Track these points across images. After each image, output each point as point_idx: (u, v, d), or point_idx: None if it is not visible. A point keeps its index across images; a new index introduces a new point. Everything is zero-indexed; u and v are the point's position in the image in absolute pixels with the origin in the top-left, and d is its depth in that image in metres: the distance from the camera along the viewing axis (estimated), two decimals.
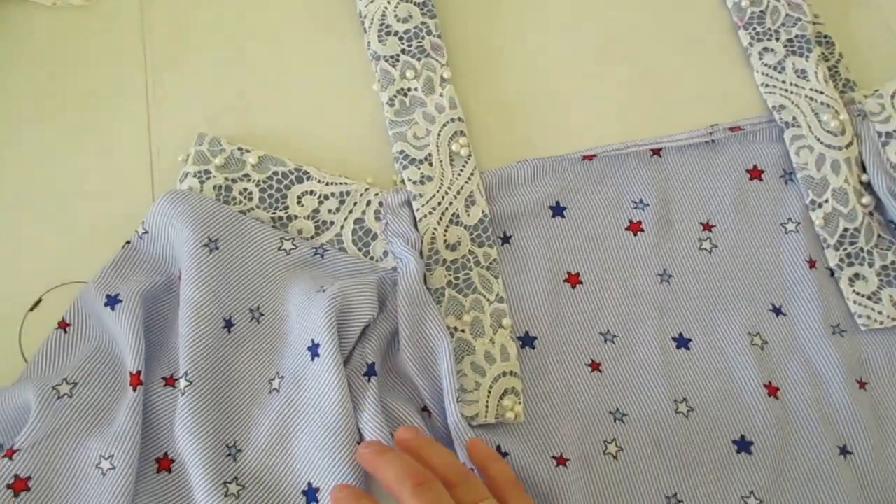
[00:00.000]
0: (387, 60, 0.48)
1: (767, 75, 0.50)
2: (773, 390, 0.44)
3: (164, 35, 0.50)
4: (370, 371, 0.41)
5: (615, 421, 0.43)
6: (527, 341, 0.44)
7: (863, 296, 0.46)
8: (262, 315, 0.43)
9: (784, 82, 0.50)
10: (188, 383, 0.40)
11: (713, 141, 0.49)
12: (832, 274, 0.47)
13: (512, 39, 0.52)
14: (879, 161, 0.48)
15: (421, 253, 0.44)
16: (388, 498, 0.38)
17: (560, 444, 0.42)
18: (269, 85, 0.49)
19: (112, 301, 0.42)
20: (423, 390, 0.41)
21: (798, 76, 0.50)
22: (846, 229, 0.47)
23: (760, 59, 0.51)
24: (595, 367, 0.44)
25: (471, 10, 0.52)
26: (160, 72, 0.49)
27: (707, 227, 0.48)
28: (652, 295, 0.46)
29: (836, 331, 0.46)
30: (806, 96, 0.50)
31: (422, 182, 0.46)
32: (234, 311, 0.42)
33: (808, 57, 0.50)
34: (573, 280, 0.46)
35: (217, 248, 0.43)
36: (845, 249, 0.47)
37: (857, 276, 0.47)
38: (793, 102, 0.50)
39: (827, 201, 0.48)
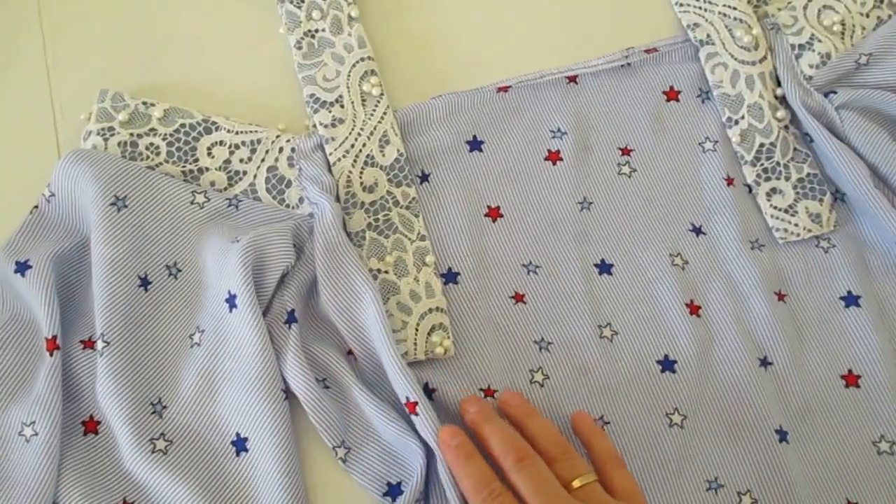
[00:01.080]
0: (292, 2, 0.47)
1: None
2: (694, 308, 0.45)
3: None
4: (290, 318, 0.42)
5: (540, 350, 0.44)
6: (450, 277, 0.45)
7: (780, 209, 0.47)
8: (180, 271, 0.43)
9: (697, 0, 0.50)
10: (105, 344, 0.40)
11: (629, 65, 0.49)
12: (750, 190, 0.48)
13: None
14: (793, 74, 0.49)
15: (337, 197, 0.44)
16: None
17: (487, 376, 0.43)
18: (173, 34, 0.48)
19: (22, 267, 0.41)
20: (346, 334, 0.42)
21: None
22: (762, 144, 0.48)
23: None
24: (519, 298, 0.45)
25: None
26: (57, 25, 0.48)
27: (626, 151, 0.48)
28: (573, 223, 0.46)
29: (754, 246, 0.47)
30: (719, 13, 0.50)
31: (333, 125, 0.45)
32: (149, 268, 0.42)
33: None
34: (494, 214, 0.46)
35: (125, 206, 0.42)
36: (762, 165, 0.48)
37: (773, 190, 0.47)
38: (706, 20, 0.50)
39: (743, 118, 0.48)
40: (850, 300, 0.46)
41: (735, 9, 0.49)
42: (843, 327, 0.46)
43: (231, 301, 0.41)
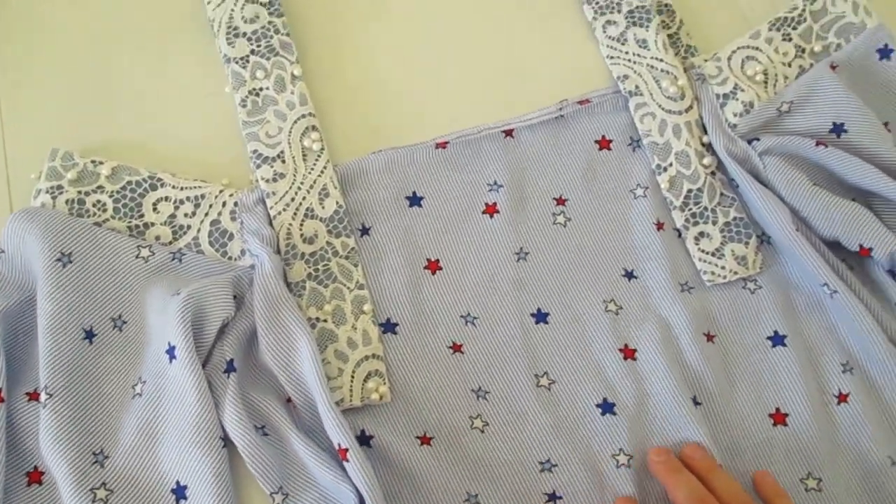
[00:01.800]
0: (237, 62, 0.50)
1: (611, 47, 0.53)
2: (629, 353, 0.47)
3: (11, 48, 0.51)
4: (229, 367, 0.43)
5: (478, 398, 0.45)
6: (388, 327, 0.46)
7: (707, 253, 0.49)
8: (125, 323, 0.44)
9: (627, 53, 0.53)
10: (49, 396, 0.41)
11: (563, 116, 0.52)
12: (679, 234, 0.50)
13: (362, 30, 0.54)
14: (718, 122, 0.51)
15: (278, 249, 0.46)
16: None
17: (424, 423, 0.44)
18: (125, 93, 0.51)
19: None
20: (284, 382, 0.43)
21: (639, 46, 0.53)
22: (690, 190, 0.50)
23: (604, 31, 0.53)
24: (457, 348, 0.46)
25: (319, 4, 0.54)
26: (11, 84, 0.50)
27: (560, 201, 0.50)
28: (510, 274, 0.48)
29: (684, 288, 0.49)
30: (647, 65, 0.52)
31: (274, 179, 0.47)
32: (94, 321, 0.44)
33: (647, 27, 0.53)
34: (433, 267, 0.48)
35: (71, 262, 0.44)
36: (690, 210, 0.50)
37: (701, 234, 0.50)
38: (635, 72, 0.52)
39: (671, 165, 0.50)
40: (777, 340, 0.48)
41: (662, 61, 0.52)
42: (771, 366, 0.47)
43: (171, 352, 0.42)
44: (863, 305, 0.47)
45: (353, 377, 0.44)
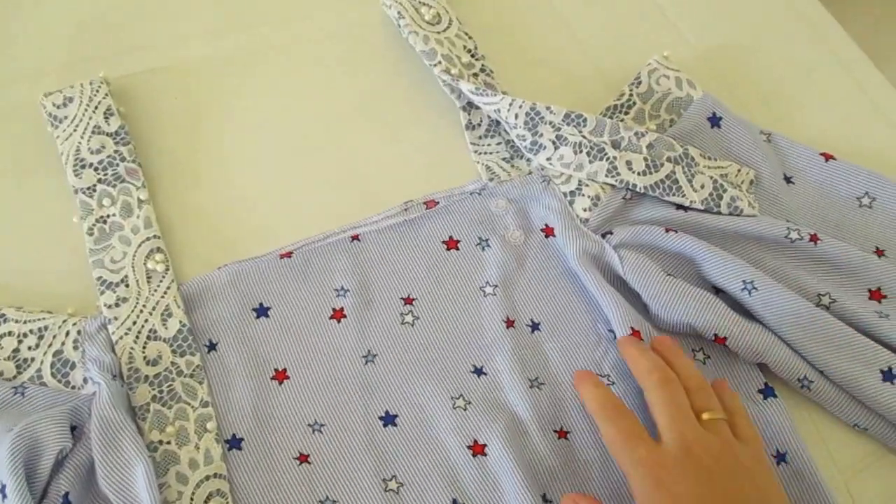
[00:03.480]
0: (84, 192, 0.52)
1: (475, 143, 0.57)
2: (478, 448, 0.47)
3: None
4: (65, 502, 0.43)
5: None
6: (234, 443, 0.47)
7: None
8: None
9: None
10: None
11: (411, 220, 0.53)
12: (533, 330, 0.51)
13: (211, 147, 0.56)
14: (570, 220, 0.53)
15: (121, 374, 0.47)
16: None
17: None
18: None
19: None
20: None
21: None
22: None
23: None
24: (303, 459, 0.47)
25: (169, 126, 0.56)
26: None
27: (408, 300, 0.51)
28: (357, 378, 0.49)
29: (533, 384, 0.49)
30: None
31: (117, 304, 0.48)
32: None
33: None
34: (280, 377, 0.49)
35: None
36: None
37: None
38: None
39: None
40: None
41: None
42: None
43: (3, 491, 0.43)
44: None
45: (192, 500, 0.44)
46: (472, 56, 0.58)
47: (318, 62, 0.60)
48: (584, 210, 0.53)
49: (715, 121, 0.55)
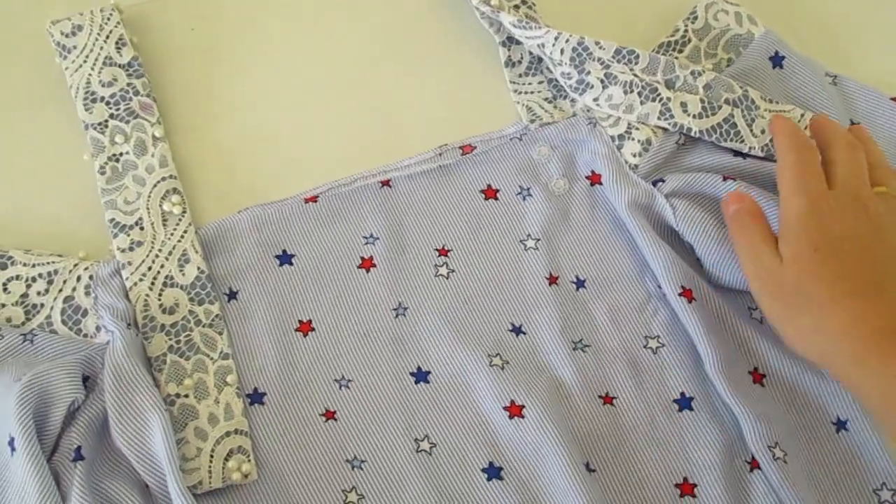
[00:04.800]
0: (95, 128, 0.49)
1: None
2: (515, 410, 0.44)
3: None
4: (77, 456, 0.41)
5: (353, 469, 0.43)
6: (256, 398, 0.44)
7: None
8: None
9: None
10: None
11: (446, 166, 0.50)
12: (578, 287, 0.48)
13: (229, 84, 0.53)
14: (617, 166, 0.49)
15: (135, 322, 0.44)
16: None
17: (295, 500, 0.42)
18: None
19: None
20: (137, 466, 0.41)
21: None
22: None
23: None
24: (330, 415, 0.44)
25: (186, 60, 0.53)
26: None
27: (443, 252, 0.48)
28: (387, 331, 0.46)
29: (577, 346, 0.46)
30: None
31: (131, 248, 0.46)
32: None
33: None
34: (305, 328, 0.46)
35: None
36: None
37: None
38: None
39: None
40: (684, 402, 0.45)
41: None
42: (678, 432, 0.45)
43: (12, 444, 0.41)
44: None
45: (212, 456, 0.42)
46: None
47: None
48: (634, 155, 0.49)
49: (777, 60, 0.51)
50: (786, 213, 0.43)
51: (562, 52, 0.50)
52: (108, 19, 0.51)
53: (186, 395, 0.44)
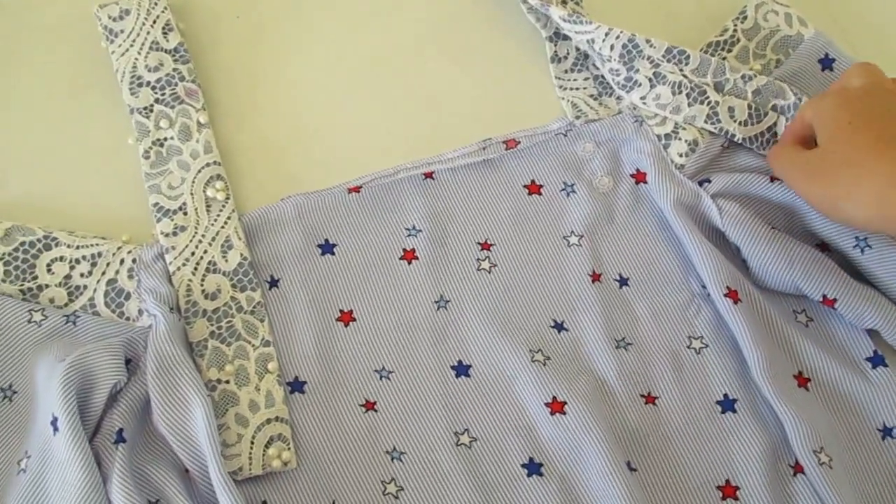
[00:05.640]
0: (140, 112, 0.49)
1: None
2: (557, 406, 0.44)
3: None
4: (118, 438, 0.42)
5: (392, 460, 0.43)
6: (296, 386, 0.45)
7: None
8: (16, 392, 0.43)
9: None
10: None
11: (489, 160, 0.50)
12: (621, 286, 0.48)
13: (274, 72, 0.53)
14: (664, 165, 0.49)
15: (178, 307, 0.45)
16: None
17: (334, 489, 0.43)
18: (21, 149, 0.50)
19: None
20: (178, 450, 0.42)
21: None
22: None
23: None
24: (370, 406, 0.45)
25: (230, 47, 0.54)
26: None
27: (485, 246, 0.49)
28: (429, 324, 0.46)
29: (620, 345, 0.46)
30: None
31: (175, 233, 0.46)
32: None
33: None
34: (346, 318, 0.46)
35: None
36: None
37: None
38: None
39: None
40: (727, 404, 0.45)
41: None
42: (721, 433, 0.45)
43: (55, 424, 0.41)
44: None
45: (252, 443, 0.42)
46: None
47: None
48: (680, 155, 0.49)
49: (827, 62, 0.51)
50: (818, 112, 0.44)
51: (612, 48, 0.50)
52: (156, 4, 0.52)
53: (227, 382, 0.44)
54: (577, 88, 0.53)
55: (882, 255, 0.46)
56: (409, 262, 0.48)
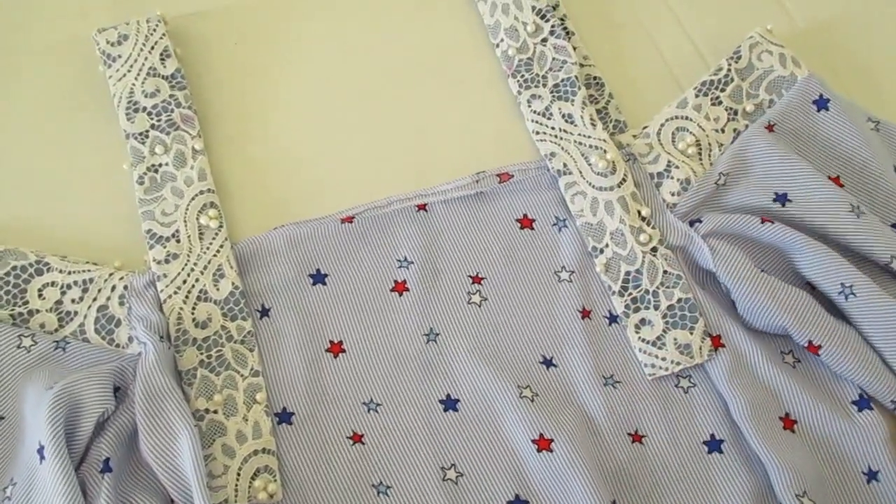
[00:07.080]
0: (136, 138, 0.50)
1: (537, 122, 0.53)
2: (544, 444, 0.45)
3: None
4: (105, 467, 0.42)
5: (378, 494, 0.44)
6: (284, 417, 0.45)
7: (648, 342, 0.47)
8: (2, 419, 0.44)
9: (553, 128, 0.52)
10: None
11: (482, 193, 0.51)
12: (616, 321, 0.48)
13: (271, 100, 0.54)
14: (655, 205, 0.50)
15: (168, 335, 0.45)
16: None
17: None
18: (17, 173, 0.51)
19: None
20: (164, 480, 0.42)
21: (565, 121, 0.52)
22: (628, 272, 0.49)
23: (529, 106, 0.53)
24: (357, 439, 0.45)
25: (226, 75, 0.55)
26: None
27: (477, 279, 0.49)
28: (418, 357, 0.47)
29: (608, 382, 0.47)
30: (575, 141, 0.52)
31: (167, 261, 0.47)
32: None
33: (573, 101, 0.52)
34: (335, 349, 0.47)
35: None
36: (630, 294, 0.49)
37: (642, 321, 0.48)
38: (562, 148, 0.52)
39: (607, 246, 0.49)
40: (713, 445, 0.46)
41: (589, 136, 0.51)
42: (707, 474, 0.45)
43: (41, 452, 0.41)
44: None
45: (239, 475, 0.43)
46: (542, 17, 0.55)
47: (385, 11, 0.57)
48: (672, 194, 0.50)
49: (822, 103, 0.52)
50: None
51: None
52: (154, 30, 0.52)
53: (216, 411, 0.44)
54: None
55: (866, 303, 0.47)
56: (400, 294, 0.48)
